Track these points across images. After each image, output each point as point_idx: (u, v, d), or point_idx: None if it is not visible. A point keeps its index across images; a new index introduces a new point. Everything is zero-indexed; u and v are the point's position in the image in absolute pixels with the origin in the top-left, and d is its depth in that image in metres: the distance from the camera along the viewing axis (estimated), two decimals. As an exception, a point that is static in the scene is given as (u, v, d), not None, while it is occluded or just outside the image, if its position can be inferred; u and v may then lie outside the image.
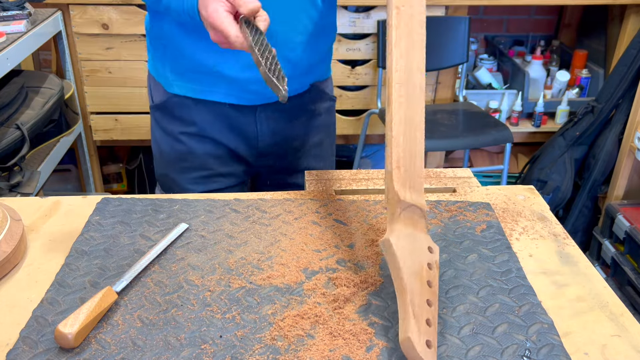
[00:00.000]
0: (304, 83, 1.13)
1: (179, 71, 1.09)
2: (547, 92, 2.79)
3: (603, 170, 2.40)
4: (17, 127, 1.82)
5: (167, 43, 1.08)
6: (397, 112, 0.74)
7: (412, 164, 0.74)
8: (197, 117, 1.12)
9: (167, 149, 1.16)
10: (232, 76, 1.05)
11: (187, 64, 1.07)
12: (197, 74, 1.07)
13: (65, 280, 0.77)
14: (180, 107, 1.12)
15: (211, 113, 1.11)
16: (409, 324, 0.62)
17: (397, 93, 0.75)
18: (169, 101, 1.13)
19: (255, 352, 0.65)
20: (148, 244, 0.84)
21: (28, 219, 0.91)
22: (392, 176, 0.71)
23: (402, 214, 0.71)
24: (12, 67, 1.85)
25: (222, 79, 1.06)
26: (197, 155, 1.14)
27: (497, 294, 0.74)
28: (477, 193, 0.99)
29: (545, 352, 0.65)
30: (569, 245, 0.86)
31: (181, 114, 1.13)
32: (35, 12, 2.18)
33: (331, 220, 0.90)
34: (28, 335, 0.68)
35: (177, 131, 1.14)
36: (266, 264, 0.80)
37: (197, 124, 1.12)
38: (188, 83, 1.10)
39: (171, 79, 1.11)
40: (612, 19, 2.69)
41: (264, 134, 1.14)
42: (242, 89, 1.07)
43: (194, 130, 1.13)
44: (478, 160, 2.87)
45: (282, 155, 1.19)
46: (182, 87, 1.10)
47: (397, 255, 0.67)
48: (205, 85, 1.08)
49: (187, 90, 1.10)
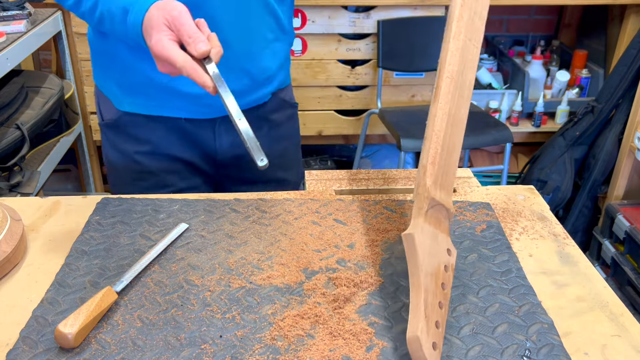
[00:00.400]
0: (264, 94, 1.09)
1: (129, 88, 1.03)
2: (547, 92, 2.79)
3: (603, 170, 2.40)
4: (17, 127, 1.82)
5: (114, 59, 1.02)
6: (442, 107, 0.71)
7: (447, 162, 0.72)
8: (151, 135, 1.07)
9: (121, 169, 1.11)
10: (187, 91, 1.01)
11: (137, 80, 1.01)
12: (149, 89, 1.02)
13: (65, 280, 0.77)
14: (132, 125, 1.07)
15: (166, 129, 1.06)
16: (419, 323, 0.61)
17: (447, 87, 0.72)
18: (120, 119, 1.07)
19: (255, 352, 0.65)
20: (148, 243, 0.84)
21: (28, 219, 0.91)
22: (426, 171, 0.69)
23: (429, 211, 0.69)
24: (12, 67, 1.85)
25: (176, 94, 1.01)
26: (154, 173, 1.09)
27: (497, 294, 0.74)
28: (477, 193, 0.99)
29: (545, 352, 0.65)
30: (569, 245, 0.86)
31: (134, 132, 1.07)
32: (35, 12, 2.18)
33: (331, 220, 0.90)
34: (28, 335, 0.68)
35: (131, 150, 1.08)
36: (266, 264, 0.80)
37: (152, 142, 1.07)
38: (139, 100, 1.04)
39: (120, 96, 1.05)
40: (612, 19, 2.69)
41: (224, 147, 1.10)
42: (199, 103, 1.03)
43: (149, 149, 1.08)
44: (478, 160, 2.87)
45: (244, 167, 1.15)
46: (133, 104, 1.05)
47: (418, 252, 0.65)
48: (158, 100, 1.03)
49: (139, 107, 1.05)
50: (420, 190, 0.69)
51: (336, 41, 2.37)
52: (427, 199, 0.69)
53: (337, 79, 2.44)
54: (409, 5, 2.36)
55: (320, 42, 2.37)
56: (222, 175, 1.16)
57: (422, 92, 2.56)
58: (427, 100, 2.59)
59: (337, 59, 2.41)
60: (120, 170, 1.11)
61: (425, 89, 2.56)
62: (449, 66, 0.73)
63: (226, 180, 1.17)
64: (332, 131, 2.56)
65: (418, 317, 0.62)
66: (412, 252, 0.66)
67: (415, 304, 0.63)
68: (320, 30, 2.33)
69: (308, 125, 2.53)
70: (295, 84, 2.41)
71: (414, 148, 2.24)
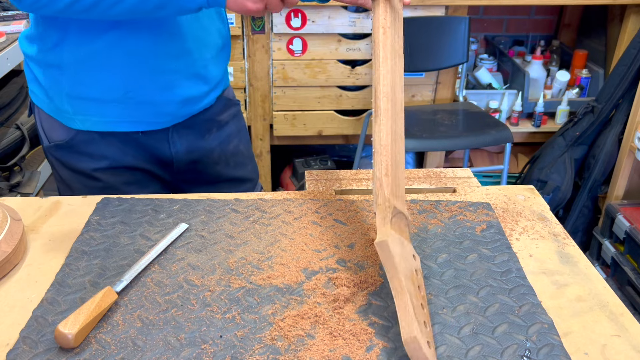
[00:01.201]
0: (213, 97, 1.10)
1: (81, 103, 0.99)
2: (547, 92, 2.78)
3: (603, 170, 2.40)
4: (17, 127, 1.82)
5: (64, 72, 0.97)
6: (385, 123, 0.77)
7: (396, 174, 0.76)
8: (107, 151, 1.05)
9: (79, 188, 1.08)
10: (147, 100, 0.99)
11: (91, 93, 0.98)
12: (103, 104, 0.99)
13: (65, 280, 0.77)
14: (86, 143, 1.04)
15: (122, 143, 1.05)
16: (413, 324, 0.62)
17: (385, 105, 0.78)
18: (73, 139, 1.03)
19: (255, 352, 0.65)
20: (148, 244, 0.84)
21: (28, 219, 0.91)
22: (382, 183, 0.73)
23: (393, 219, 0.72)
24: (12, 67, 1.85)
25: (132, 107, 1.00)
26: (115, 187, 1.07)
27: (497, 294, 0.74)
28: (477, 193, 0.99)
29: (545, 352, 0.65)
30: (569, 245, 0.86)
31: (89, 150, 1.04)
32: (35, 12, 2.18)
33: (331, 220, 0.90)
34: (28, 335, 0.68)
35: (89, 168, 1.05)
36: (266, 264, 0.80)
37: (108, 157, 1.05)
38: (93, 116, 1.00)
39: (71, 112, 1.00)
40: (612, 19, 2.69)
41: (180, 153, 1.10)
42: (156, 112, 1.02)
43: (107, 164, 1.06)
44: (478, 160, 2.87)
45: (201, 170, 1.15)
46: (86, 121, 1.01)
47: (394, 257, 0.67)
48: (112, 117, 1.01)
49: (92, 124, 1.01)
50: (380, 201, 0.73)
51: (336, 41, 2.37)
52: (390, 208, 0.72)
53: (337, 79, 2.44)
54: (409, 5, 2.36)
55: (320, 42, 2.37)
56: (179, 180, 1.16)
57: (422, 92, 2.56)
58: (427, 100, 2.59)
59: (337, 59, 2.41)
60: (76, 191, 1.08)
61: (425, 89, 2.56)
62: (383, 87, 0.79)
63: (183, 183, 1.17)
64: (332, 131, 2.56)
65: (410, 319, 0.63)
66: (389, 258, 0.68)
67: (403, 306, 0.64)
68: (320, 30, 2.33)
69: (308, 125, 2.53)
70: (295, 84, 2.41)
71: (414, 148, 2.24)
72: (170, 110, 1.03)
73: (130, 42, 0.94)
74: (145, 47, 0.95)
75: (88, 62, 0.95)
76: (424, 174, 1.05)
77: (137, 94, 0.98)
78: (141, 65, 0.96)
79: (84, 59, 0.95)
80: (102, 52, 0.94)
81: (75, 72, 0.96)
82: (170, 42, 0.96)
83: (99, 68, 0.95)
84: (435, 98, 2.60)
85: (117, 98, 0.98)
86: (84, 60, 0.95)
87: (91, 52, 0.94)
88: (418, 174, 1.05)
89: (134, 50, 0.94)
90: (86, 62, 0.95)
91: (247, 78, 2.42)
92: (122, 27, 0.92)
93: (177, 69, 0.99)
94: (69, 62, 0.96)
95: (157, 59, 0.97)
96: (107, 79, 0.96)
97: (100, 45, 0.93)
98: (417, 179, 1.03)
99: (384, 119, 0.77)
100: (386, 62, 0.80)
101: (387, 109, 0.78)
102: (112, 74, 0.96)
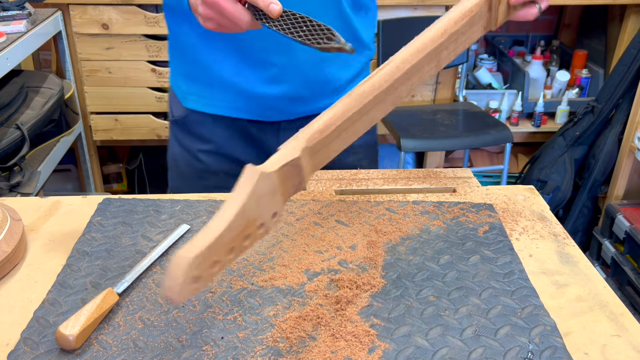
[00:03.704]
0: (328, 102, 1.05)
1: (194, 83, 1.05)
2: (547, 92, 2.79)
3: (603, 170, 2.41)
4: (17, 127, 1.82)
5: (184, 51, 1.03)
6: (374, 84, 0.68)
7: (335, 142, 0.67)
8: (215, 135, 1.08)
9: (184, 165, 1.13)
10: (252, 91, 1.00)
11: (203, 75, 1.02)
12: (214, 87, 1.03)
13: (66, 281, 0.76)
14: (197, 124, 1.08)
15: (229, 130, 1.07)
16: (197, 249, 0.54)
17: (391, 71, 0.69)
18: (187, 117, 1.09)
19: (257, 354, 0.65)
20: (150, 244, 0.84)
21: (28, 219, 0.91)
22: (312, 130, 0.65)
23: (287, 167, 0.62)
24: (12, 67, 1.85)
25: (241, 94, 1.02)
26: (214, 173, 1.10)
27: (500, 296, 0.74)
28: (477, 193, 0.99)
29: (548, 355, 0.65)
30: (569, 245, 0.85)
31: (199, 131, 1.09)
32: (35, 12, 2.18)
33: (333, 221, 0.90)
34: (29, 336, 0.68)
35: (195, 149, 1.10)
36: (268, 265, 0.80)
37: (215, 141, 1.08)
38: (202, 98, 1.05)
39: (186, 91, 1.07)
40: (612, 19, 2.69)
41: None
42: (263, 105, 1.02)
43: (212, 148, 1.09)
44: (478, 160, 2.87)
45: None
46: (197, 101, 1.06)
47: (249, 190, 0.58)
48: (222, 100, 1.04)
49: (203, 105, 1.06)
50: (292, 143, 0.64)
51: (336, 41, 2.37)
52: (292, 155, 0.63)
53: (337, 78, 2.44)
54: (409, 5, 2.36)
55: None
56: None
57: (422, 92, 2.56)
58: (427, 100, 2.59)
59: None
60: (182, 167, 1.13)
61: (426, 89, 2.56)
62: (399, 62, 0.69)
63: None
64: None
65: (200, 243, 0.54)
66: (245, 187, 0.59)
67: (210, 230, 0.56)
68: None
69: (308, 125, 2.52)
70: (295, 84, 2.41)
71: (414, 148, 2.24)
72: (276, 105, 1.02)
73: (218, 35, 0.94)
74: (253, 37, 0.93)
75: (201, 42, 0.98)
76: (424, 174, 1.05)
77: (241, 81, 0.99)
78: (248, 54, 0.96)
79: (199, 40, 0.98)
80: (214, 37, 0.95)
81: (191, 53, 1.00)
82: None
83: (210, 49, 0.97)
84: (435, 98, 2.60)
85: (225, 84, 1.01)
86: (198, 41, 0.98)
87: (205, 36, 0.96)
88: (418, 174, 1.05)
89: (243, 39, 0.94)
90: (200, 42, 0.98)
91: (247, 78, 2.41)
92: None
93: (282, 64, 0.98)
94: (186, 42, 1.00)
95: (264, 51, 0.96)
96: (218, 62, 0.99)
97: None
98: (417, 179, 1.03)
99: (377, 82, 0.67)
100: (421, 54, 0.71)
101: (385, 80, 0.68)
102: (220, 57, 0.98)
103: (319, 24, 0.68)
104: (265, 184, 0.60)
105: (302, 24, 0.69)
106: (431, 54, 0.72)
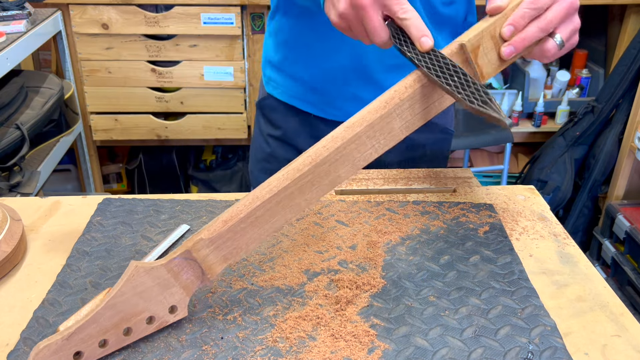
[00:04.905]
0: None
1: (272, 70, 1.10)
2: (547, 92, 2.79)
3: (603, 170, 2.41)
4: (17, 127, 1.82)
5: (270, 38, 1.08)
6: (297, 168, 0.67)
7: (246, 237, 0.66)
8: (284, 122, 1.12)
9: (256, 147, 1.19)
10: (319, 87, 1.04)
11: (281, 64, 1.07)
12: (286, 77, 1.07)
13: (66, 281, 0.76)
14: (271, 109, 1.13)
15: (297, 121, 1.11)
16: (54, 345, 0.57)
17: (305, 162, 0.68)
18: (264, 100, 1.14)
19: (257, 354, 0.65)
20: (149, 244, 0.84)
21: (28, 219, 0.91)
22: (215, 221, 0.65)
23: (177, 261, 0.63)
24: (12, 67, 1.85)
25: (316, 91, 1.05)
26: (278, 159, 1.14)
27: (500, 296, 0.74)
28: (477, 193, 0.99)
29: (548, 355, 0.65)
30: (569, 245, 0.85)
31: (271, 116, 1.14)
32: (35, 12, 2.18)
33: (333, 221, 0.90)
34: (29, 336, 0.67)
35: (266, 132, 1.16)
36: (268, 265, 0.80)
37: (282, 128, 1.13)
38: (280, 86, 1.09)
39: (268, 75, 1.12)
40: (612, 19, 2.69)
41: None
42: (330, 103, 1.05)
43: (279, 134, 1.13)
44: (478, 160, 2.87)
45: None
46: (276, 88, 1.10)
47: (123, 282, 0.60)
48: (296, 91, 1.08)
49: (279, 92, 1.10)
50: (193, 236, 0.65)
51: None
52: (183, 248, 0.64)
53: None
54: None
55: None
56: None
57: (422, 92, 2.56)
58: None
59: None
60: (255, 147, 1.20)
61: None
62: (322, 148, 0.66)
63: None
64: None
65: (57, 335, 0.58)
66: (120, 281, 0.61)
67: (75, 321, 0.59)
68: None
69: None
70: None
71: (414, 148, 2.24)
72: (341, 105, 1.04)
73: (312, 30, 0.98)
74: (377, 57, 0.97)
75: (282, 34, 1.03)
76: (424, 174, 1.05)
77: (328, 85, 1.03)
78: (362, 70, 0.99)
79: (278, 30, 1.04)
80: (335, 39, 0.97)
81: (273, 41, 1.06)
82: (342, 42, 0.95)
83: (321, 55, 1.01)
84: (435, 98, 2.59)
85: (296, 75, 1.05)
86: (278, 31, 1.04)
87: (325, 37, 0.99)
88: (418, 174, 1.05)
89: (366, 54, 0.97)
90: (280, 34, 1.04)
91: (247, 78, 2.42)
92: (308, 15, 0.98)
93: (345, 66, 1.00)
94: (272, 29, 1.06)
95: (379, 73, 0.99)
96: (290, 56, 1.04)
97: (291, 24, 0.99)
98: (417, 179, 1.03)
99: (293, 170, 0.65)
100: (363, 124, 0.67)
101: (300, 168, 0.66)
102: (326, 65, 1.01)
103: (473, 80, 0.62)
104: (147, 279, 0.62)
105: (452, 71, 0.63)
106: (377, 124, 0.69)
